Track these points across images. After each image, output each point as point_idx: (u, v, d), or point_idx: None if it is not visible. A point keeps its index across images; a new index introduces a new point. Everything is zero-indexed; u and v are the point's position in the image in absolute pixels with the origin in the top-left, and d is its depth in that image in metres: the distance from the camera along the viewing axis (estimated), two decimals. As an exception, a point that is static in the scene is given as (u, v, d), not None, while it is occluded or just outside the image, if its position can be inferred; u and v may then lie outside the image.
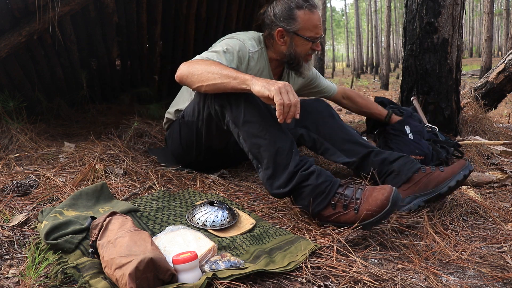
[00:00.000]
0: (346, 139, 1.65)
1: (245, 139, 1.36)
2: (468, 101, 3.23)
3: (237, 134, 1.39)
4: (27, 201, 1.42)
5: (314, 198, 1.27)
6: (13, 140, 2.09)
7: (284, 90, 1.23)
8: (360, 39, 32.74)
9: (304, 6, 1.61)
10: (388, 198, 1.18)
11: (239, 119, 1.36)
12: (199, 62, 1.45)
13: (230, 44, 1.62)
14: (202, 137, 1.64)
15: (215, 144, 1.68)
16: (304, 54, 1.70)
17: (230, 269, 0.96)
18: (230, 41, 1.65)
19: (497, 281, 1.03)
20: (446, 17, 2.54)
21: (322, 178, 1.28)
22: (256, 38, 1.76)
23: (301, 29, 1.64)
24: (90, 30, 2.71)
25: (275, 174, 1.31)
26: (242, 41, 1.66)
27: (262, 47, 1.75)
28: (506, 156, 2.24)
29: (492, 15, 10.35)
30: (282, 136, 1.33)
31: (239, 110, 1.36)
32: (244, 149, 1.39)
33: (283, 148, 1.30)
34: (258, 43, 1.74)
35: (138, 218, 1.25)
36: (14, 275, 0.97)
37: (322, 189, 1.26)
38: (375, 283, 0.96)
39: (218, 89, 1.37)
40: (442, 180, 1.41)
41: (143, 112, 2.98)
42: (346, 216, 1.23)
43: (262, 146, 1.32)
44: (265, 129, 1.32)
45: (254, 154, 1.35)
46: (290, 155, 1.30)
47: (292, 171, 1.28)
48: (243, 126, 1.35)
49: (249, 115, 1.35)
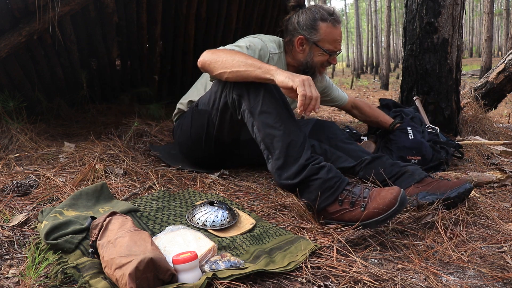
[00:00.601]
0: (357, 149, 1.73)
1: (259, 128, 1.39)
2: (468, 101, 3.23)
3: (252, 124, 1.42)
4: (27, 201, 1.42)
5: (322, 193, 1.28)
6: (13, 140, 2.09)
7: (307, 83, 1.27)
8: (360, 39, 32.74)
9: (328, 19, 1.67)
10: (397, 198, 1.19)
11: (256, 109, 1.39)
12: (224, 50, 1.49)
13: (253, 42, 1.67)
14: (213, 128, 1.65)
15: (224, 136, 1.69)
16: (319, 65, 1.76)
17: (230, 269, 0.96)
18: (253, 40, 1.70)
19: (497, 281, 1.03)
20: (446, 17, 2.54)
21: (332, 173, 1.30)
22: (277, 42, 1.80)
23: (321, 41, 1.69)
24: (90, 30, 2.71)
25: (285, 165, 1.33)
26: (264, 42, 1.72)
27: (281, 51, 1.79)
28: (506, 156, 2.24)
29: (492, 15, 10.35)
30: (296, 130, 1.36)
31: (257, 100, 1.39)
32: (257, 139, 1.42)
33: (296, 141, 1.33)
34: (278, 46, 1.79)
35: (138, 218, 1.25)
36: (14, 275, 0.97)
37: (331, 184, 1.28)
38: (375, 283, 0.96)
39: (241, 77, 1.39)
40: (451, 187, 1.44)
41: (143, 112, 2.98)
42: (351, 214, 1.24)
43: (276, 136, 1.35)
44: (281, 120, 1.36)
45: (266, 144, 1.38)
46: (302, 149, 1.33)
47: (303, 163, 1.31)
48: (259, 115, 1.38)
49: (266, 106, 1.38)
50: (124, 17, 2.79)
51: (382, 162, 1.63)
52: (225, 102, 1.53)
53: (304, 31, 1.70)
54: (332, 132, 1.79)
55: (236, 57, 1.41)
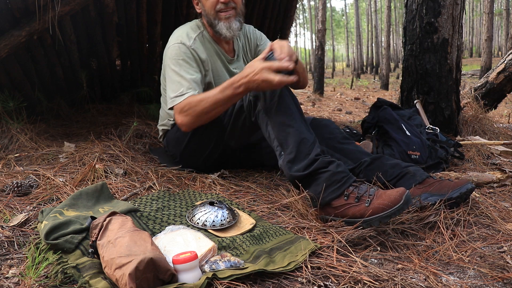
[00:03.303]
0: (355, 150, 1.70)
1: (273, 126, 1.43)
2: (468, 101, 3.23)
3: (266, 123, 1.46)
4: (27, 201, 1.42)
5: (329, 185, 1.29)
6: (13, 140, 2.09)
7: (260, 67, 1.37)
8: (360, 39, 32.74)
9: None
10: (402, 195, 1.19)
11: (272, 109, 1.43)
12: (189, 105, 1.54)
13: (174, 56, 1.64)
14: (223, 134, 1.68)
15: (233, 142, 1.71)
16: (212, 10, 1.65)
17: (230, 269, 0.96)
18: (173, 52, 1.65)
19: (497, 281, 1.03)
20: (446, 17, 2.54)
21: (341, 168, 1.33)
22: (193, 25, 1.74)
23: None
24: (90, 30, 2.71)
25: (296, 159, 1.36)
26: (180, 42, 1.66)
27: (202, 30, 1.73)
28: (506, 156, 2.24)
29: (492, 15, 10.35)
30: (308, 131, 1.40)
31: (273, 101, 1.43)
32: (270, 136, 1.45)
33: (307, 139, 1.37)
34: (196, 29, 1.73)
35: (138, 218, 1.25)
36: (14, 275, 0.97)
37: (339, 178, 1.30)
38: (375, 283, 0.96)
39: (225, 106, 1.51)
40: (453, 187, 1.44)
41: (143, 112, 2.98)
42: (356, 208, 1.24)
43: (290, 134, 1.39)
44: (294, 120, 1.40)
45: (280, 140, 1.41)
46: (312, 147, 1.37)
47: (313, 158, 1.34)
48: (275, 115, 1.42)
49: (281, 106, 1.43)
50: (124, 17, 2.79)
51: (381, 163, 1.61)
52: (240, 106, 1.57)
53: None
54: (329, 132, 1.76)
55: (203, 102, 1.50)
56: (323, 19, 9.09)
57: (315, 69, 9.38)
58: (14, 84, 2.48)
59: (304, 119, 1.44)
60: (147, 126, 2.53)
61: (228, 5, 1.63)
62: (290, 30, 4.10)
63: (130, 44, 3.06)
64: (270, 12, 3.73)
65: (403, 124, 2.08)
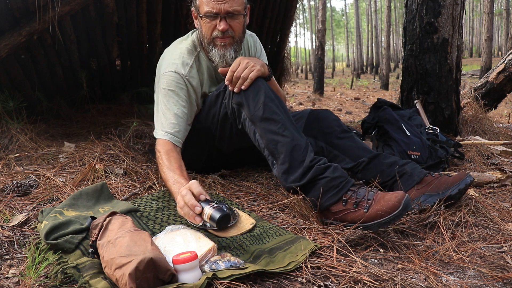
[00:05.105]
0: (354, 146, 1.67)
1: (262, 135, 1.39)
2: (468, 101, 3.23)
3: (253, 132, 1.42)
4: (27, 201, 1.42)
5: (326, 191, 1.28)
6: (13, 140, 2.09)
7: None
8: (360, 39, 32.74)
9: None
10: (401, 201, 1.18)
11: (257, 116, 1.38)
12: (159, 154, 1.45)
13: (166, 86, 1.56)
14: (213, 141, 1.66)
15: (225, 148, 1.69)
16: (208, 36, 1.54)
17: (230, 269, 0.96)
18: (165, 81, 1.56)
19: (497, 281, 1.03)
20: (446, 17, 2.54)
21: (338, 173, 1.30)
22: (190, 46, 1.64)
23: (200, 7, 1.51)
24: (90, 30, 2.71)
25: (290, 169, 1.34)
26: (174, 71, 1.57)
27: (198, 51, 1.64)
28: (506, 156, 2.24)
29: (492, 15, 10.35)
30: (298, 135, 1.36)
31: (257, 107, 1.38)
32: (260, 145, 1.42)
33: (299, 145, 1.34)
34: (192, 51, 1.63)
35: (138, 218, 1.25)
36: (14, 275, 0.97)
37: (336, 183, 1.28)
38: (375, 283, 0.96)
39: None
40: (451, 183, 1.43)
41: (143, 112, 2.98)
42: (354, 214, 1.23)
43: (280, 142, 1.35)
44: (283, 126, 1.36)
45: (270, 150, 1.38)
46: (306, 152, 1.34)
47: (308, 165, 1.31)
48: (261, 122, 1.38)
49: (267, 113, 1.37)
50: (124, 17, 2.79)
51: (380, 162, 1.59)
52: (224, 113, 1.52)
53: (193, 6, 1.58)
54: (327, 126, 1.71)
55: (160, 167, 1.41)
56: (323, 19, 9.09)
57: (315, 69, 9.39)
58: (14, 84, 2.48)
59: (292, 121, 1.39)
60: (147, 126, 2.53)
61: (225, 33, 1.53)
62: (290, 30, 4.10)
63: (130, 44, 3.06)
64: (270, 12, 3.73)
65: (403, 124, 2.09)
